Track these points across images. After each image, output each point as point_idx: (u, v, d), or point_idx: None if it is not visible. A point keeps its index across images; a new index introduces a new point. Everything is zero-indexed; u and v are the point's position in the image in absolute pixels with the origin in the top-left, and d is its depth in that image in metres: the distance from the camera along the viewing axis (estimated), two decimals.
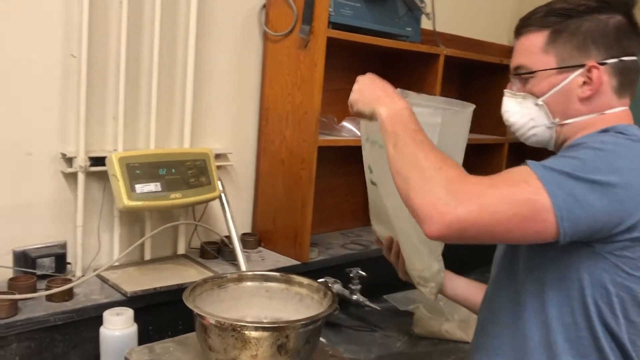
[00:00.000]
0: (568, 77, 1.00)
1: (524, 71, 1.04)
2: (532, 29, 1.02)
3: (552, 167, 0.86)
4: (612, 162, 0.87)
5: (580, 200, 0.84)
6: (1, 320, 1.18)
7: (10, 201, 1.36)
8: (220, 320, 1.05)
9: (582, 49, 0.99)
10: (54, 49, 1.37)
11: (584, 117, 1.01)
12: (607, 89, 1.00)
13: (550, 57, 1.01)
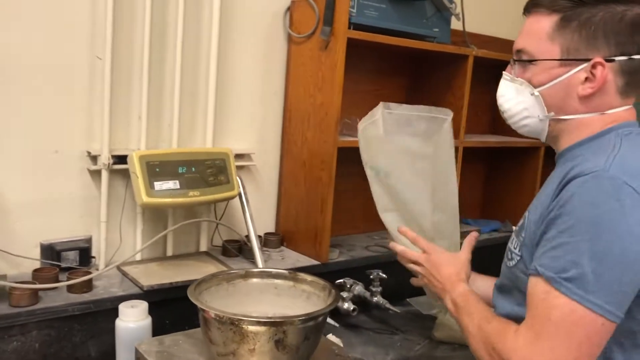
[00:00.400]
0: (570, 71, 0.94)
1: (525, 57, 0.99)
2: (542, 10, 0.96)
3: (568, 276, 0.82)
4: (612, 223, 0.81)
5: (618, 286, 0.82)
6: (22, 308, 1.24)
7: (39, 196, 1.43)
8: (219, 314, 1.07)
9: (589, 41, 0.93)
10: (81, 51, 1.44)
11: (581, 115, 0.96)
12: (611, 88, 0.94)
13: (554, 46, 0.95)
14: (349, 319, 1.68)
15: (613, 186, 0.83)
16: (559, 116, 0.98)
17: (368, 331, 1.68)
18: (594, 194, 0.83)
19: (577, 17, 0.93)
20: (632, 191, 0.82)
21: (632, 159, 0.88)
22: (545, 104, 0.98)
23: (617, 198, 0.82)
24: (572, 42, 0.94)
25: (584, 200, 0.83)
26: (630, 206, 0.81)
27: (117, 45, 1.46)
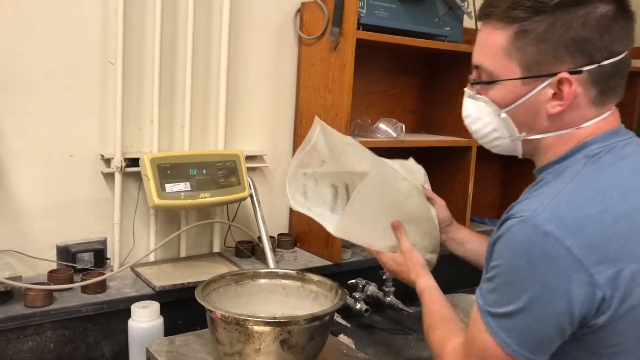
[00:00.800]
0: (535, 89, 0.85)
1: (485, 75, 0.91)
2: (494, 22, 0.87)
3: (492, 310, 0.82)
4: (531, 274, 0.78)
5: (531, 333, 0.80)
6: (37, 308, 1.27)
7: (55, 199, 1.47)
8: (225, 314, 1.08)
9: (551, 54, 0.83)
10: (94, 57, 1.46)
11: (554, 133, 0.88)
12: (583, 101, 0.85)
13: (513, 62, 0.86)
14: (362, 319, 1.68)
15: (535, 235, 0.77)
16: (530, 136, 0.90)
17: (381, 331, 1.67)
18: (515, 242, 0.79)
19: (534, 28, 0.83)
20: (554, 242, 0.76)
21: (577, 198, 0.80)
22: (514, 125, 0.91)
23: (536, 248, 0.77)
24: (532, 57, 0.84)
25: (507, 246, 0.80)
26: (549, 258, 0.76)
27: (128, 49, 1.48)
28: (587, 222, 0.77)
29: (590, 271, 0.76)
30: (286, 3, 1.74)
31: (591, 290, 0.76)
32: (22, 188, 1.42)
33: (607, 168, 0.83)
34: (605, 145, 0.85)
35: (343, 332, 1.54)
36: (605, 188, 0.80)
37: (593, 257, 0.76)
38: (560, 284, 0.76)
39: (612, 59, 0.83)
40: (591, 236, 0.76)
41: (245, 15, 1.67)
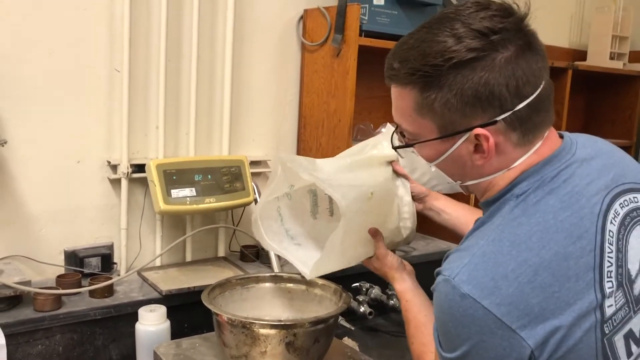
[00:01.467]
0: (454, 145, 0.84)
1: (406, 134, 0.90)
2: (398, 85, 0.86)
3: (438, 349, 0.84)
4: (456, 330, 0.79)
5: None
6: (46, 312, 1.29)
7: (62, 205, 1.49)
8: (231, 317, 1.10)
9: (460, 112, 0.81)
10: (100, 64, 1.49)
11: (487, 178, 0.87)
12: (507, 147, 0.83)
13: (427, 122, 0.84)
14: (366, 322, 1.70)
15: (454, 297, 0.78)
16: (465, 183, 0.91)
17: (385, 334, 1.69)
18: (441, 300, 0.81)
19: (436, 91, 0.80)
20: (472, 302, 0.76)
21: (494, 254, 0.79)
22: (447, 174, 0.91)
23: (457, 309, 0.78)
24: (442, 118, 0.82)
25: (436, 303, 0.83)
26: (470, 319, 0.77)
27: (134, 57, 1.51)
28: (503, 281, 0.76)
29: (512, 327, 0.76)
30: (289, 10, 1.77)
31: (517, 344, 0.76)
32: (30, 194, 1.44)
33: (532, 208, 0.80)
34: (535, 181, 0.83)
35: (347, 335, 1.56)
36: (523, 237, 0.78)
37: (513, 314, 0.76)
38: (485, 340, 0.77)
39: (526, 101, 0.80)
40: (508, 294, 0.76)
41: (249, 22, 1.70)
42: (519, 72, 0.79)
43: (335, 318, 1.17)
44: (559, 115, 2.20)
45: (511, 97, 0.79)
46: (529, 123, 0.82)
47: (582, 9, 2.62)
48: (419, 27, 0.85)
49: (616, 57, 2.48)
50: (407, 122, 0.87)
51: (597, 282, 0.77)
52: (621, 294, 0.79)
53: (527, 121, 0.81)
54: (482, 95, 0.79)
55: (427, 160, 0.90)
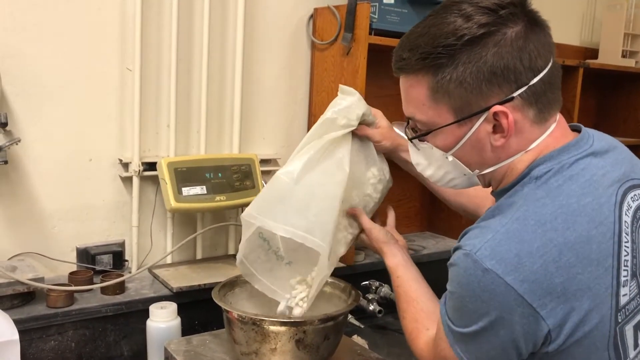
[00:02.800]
0: (472, 128, 0.83)
1: (420, 126, 0.89)
2: (410, 74, 0.85)
3: (451, 326, 0.85)
4: (474, 306, 0.79)
5: (480, 354, 0.82)
6: (59, 309, 1.31)
7: (75, 203, 1.50)
8: (242, 314, 1.11)
9: (477, 91, 0.80)
10: (112, 63, 1.50)
11: (505, 162, 0.86)
12: (524, 124, 0.82)
13: (442, 108, 0.84)
14: (375, 321, 1.70)
15: (476, 271, 0.77)
16: (482, 171, 0.89)
17: (394, 332, 1.69)
18: (460, 275, 0.80)
19: (451, 72, 0.80)
20: (494, 278, 0.76)
21: (519, 231, 0.78)
22: (464, 164, 0.89)
23: (478, 284, 0.77)
24: (459, 99, 0.82)
25: (455, 277, 0.82)
26: (491, 294, 0.76)
27: (145, 56, 1.52)
28: (528, 258, 0.76)
29: (532, 305, 0.75)
30: (299, 9, 1.77)
31: (535, 323, 0.76)
32: (43, 192, 1.46)
33: (555, 191, 0.80)
34: (553, 165, 0.82)
35: (357, 333, 1.57)
36: (549, 217, 0.78)
37: (536, 292, 0.75)
38: (504, 317, 0.77)
39: (540, 75, 0.81)
40: (532, 271, 0.75)
41: (259, 21, 1.70)
42: (530, 45, 0.80)
43: (344, 316, 1.18)
44: (570, 114, 2.19)
45: (525, 70, 0.80)
46: (544, 99, 0.82)
47: (593, 6, 2.60)
48: (424, 18, 0.85)
49: (628, 55, 2.47)
50: (421, 112, 0.86)
51: (615, 269, 0.78)
52: (635, 284, 0.80)
53: (542, 96, 0.82)
54: (497, 70, 0.79)
55: (443, 150, 0.88)
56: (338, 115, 1.17)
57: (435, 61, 0.81)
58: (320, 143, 1.16)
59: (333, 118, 1.17)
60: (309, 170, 1.15)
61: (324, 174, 1.15)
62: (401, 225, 2.12)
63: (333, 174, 1.16)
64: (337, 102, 1.19)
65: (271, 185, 1.18)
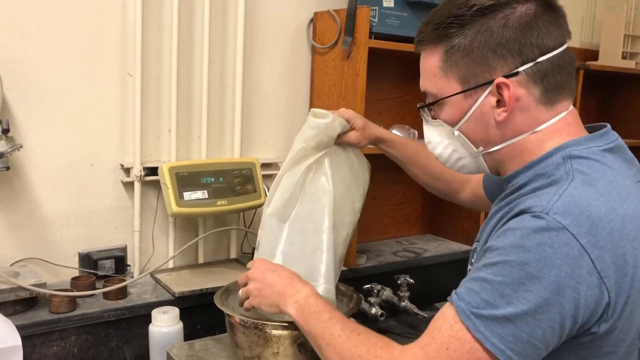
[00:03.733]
0: (477, 100, 0.84)
1: (430, 99, 0.90)
2: (426, 46, 0.88)
3: (481, 312, 0.74)
4: (542, 273, 0.72)
5: (530, 341, 0.73)
6: (62, 314, 1.31)
7: (77, 208, 1.51)
8: (244, 319, 1.11)
9: (482, 62, 0.82)
10: (113, 69, 1.51)
11: (511, 141, 0.85)
12: (530, 102, 0.82)
13: (451, 79, 0.85)
14: (377, 324, 1.70)
15: (549, 231, 0.72)
16: (488, 149, 0.88)
17: (396, 336, 1.69)
18: (527, 237, 0.73)
19: (461, 41, 0.83)
20: (569, 239, 0.72)
21: (583, 196, 0.75)
22: (470, 141, 0.88)
23: (551, 245, 0.72)
24: (466, 70, 0.84)
25: (516, 241, 0.74)
26: (564, 256, 0.72)
27: (146, 61, 1.52)
28: (599, 222, 0.73)
29: (601, 274, 0.73)
30: (299, 13, 1.78)
31: (600, 293, 0.73)
32: (45, 197, 1.46)
33: (600, 168, 0.79)
34: (585, 148, 0.82)
35: None
36: (604, 189, 0.77)
37: (605, 260, 0.73)
38: (572, 284, 0.71)
39: (548, 55, 0.81)
40: (603, 237, 0.73)
41: (260, 26, 1.71)
42: (539, 23, 0.81)
43: None
44: None
45: (532, 46, 0.81)
46: (551, 79, 0.82)
47: (593, 8, 2.61)
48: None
49: (628, 56, 2.47)
50: (432, 83, 0.88)
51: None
52: None
53: (549, 76, 0.82)
54: (503, 41, 0.81)
55: (451, 124, 0.89)
56: (307, 144, 1.18)
57: (446, 31, 0.84)
58: (297, 174, 1.17)
59: (302, 147, 1.18)
60: (293, 205, 1.17)
61: (311, 202, 1.17)
62: (403, 228, 2.13)
63: (319, 198, 1.17)
64: (311, 126, 1.18)
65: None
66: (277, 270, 1.06)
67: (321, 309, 0.96)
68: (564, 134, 0.84)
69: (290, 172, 1.18)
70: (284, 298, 1.01)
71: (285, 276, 1.04)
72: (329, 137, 1.19)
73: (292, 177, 1.17)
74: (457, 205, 2.05)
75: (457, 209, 2.06)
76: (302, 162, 1.18)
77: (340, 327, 0.91)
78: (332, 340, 0.90)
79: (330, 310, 0.95)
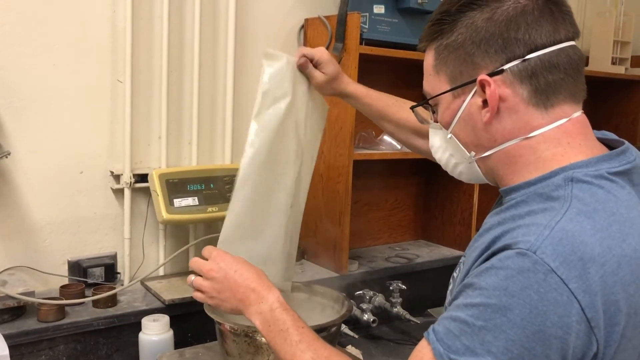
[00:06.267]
0: (465, 100, 0.80)
1: (430, 102, 0.87)
2: (423, 45, 0.85)
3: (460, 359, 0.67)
4: (525, 321, 0.65)
5: None
6: (50, 323, 1.30)
7: (66, 215, 1.49)
8: (234, 326, 1.10)
9: (469, 60, 0.78)
10: (103, 75, 1.50)
11: (502, 146, 0.79)
12: (517, 103, 0.77)
13: (442, 78, 0.82)
14: (369, 330, 1.69)
15: (536, 274, 0.65)
16: (480, 154, 0.83)
17: (389, 342, 1.69)
18: (511, 279, 0.66)
19: (448, 37, 0.79)
20: (558, 282, 0.64)
21: (577, 233, 0.67)
22: (462, 144, 0.84)
23: (537, 290, 0.65)
24: (454, 68, 0.80)
25: (499, 283, 0.67)
26: (551, 303, 0.64)
27: (136, 68, 1.52)
28: (591, 264, 0.66)
29: (591, 323, 0.65)
30: (290, 19, 1.78)
31: (588, 343, 0.66)
32: (34, 205, 1.45)
33: (604, 197, 0.72)
34: (592, 171, 0.74)
35: (351, 343, 1.56)
36: (603, 223, 0.69)
37: (596, 307, 0.66)
38: (559, 335, 0.65)
39: (538, 52, 0.75)
40: (594, 281, 0.66)
41: (251, 32, 1.71)
42: (529, 19, 0.76)
43: (337, 326, 1.17)
44: None
45: (518, 43, 0.76)
46: (540, 79, 0.76)
47: (583, 14, 2.62)
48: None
49: (618, 62, 2.48)
50: (427, 82, 0.86)
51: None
52: None
53: (537, 75, 0.76)
54: (488, 35, 0.76)
55: (444, 127, 0.85)
56: (270, 86, 1.17)
57: (438, 27, 0.81)
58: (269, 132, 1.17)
59: (266, 90, 1.17)
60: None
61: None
62: (395, 233, 2.13)
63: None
64: (265, 71, 1.18)
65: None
66: (238, 270, 0.96)
67: (289, 327, 0.88)
68: (563, 145, 0.77)
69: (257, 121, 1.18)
70: (247, 306, 0.94)
71: (248, 279, 0.95)
72: (288, 81, 1.17)
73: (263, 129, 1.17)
74: (450, 211, 2.06)
75: (449, 214, 2.06)
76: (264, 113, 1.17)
77: (310, 356, 0.84)
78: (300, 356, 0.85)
79: (299, 328, 0.88)
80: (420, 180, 2.14)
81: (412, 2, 1.68)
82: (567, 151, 0.77)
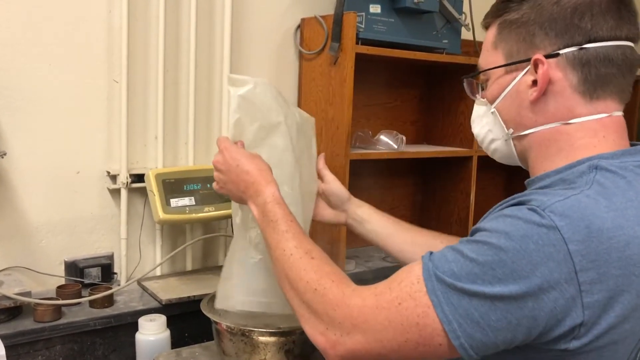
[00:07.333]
0: (516, 77, 0.83)
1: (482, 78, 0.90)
2: (488, 22, 0.88)
3: (444, 278, 0.71)
4: (515, 265, 0.68)
5: (479, 323, 0.69)
6: (46, 323, 1.30)
7: (62, 216, 1.49)
8: (231, 326, 1.10)
9: (528, 39, 0.81)
10: (99, 75, 1.50)
11: (541, 127, 0.82)
12: (564, 88, 0.79)
13: (499, 54, 0.85)
14: None
15: (539, 226, 0.69)
16: (518, 132, 0.86)
17: None
18: (514, 225, 0.70)
19: (513, 15, 0.83)
20: (559, 240, 0.68)
21: (591, 206, 0.71)
22: (502, 120, 0.87)
23: (535, 241, 0.68)
24: (513, 45, 0.83)
25: (503, 227, 0.71)
26: (545, 256, 0.68)
27: (132, 68, 1.52)
28: (597, 235, 0.69)
29: (581, 288, 0.68)
30: (286, 19, 1.78)
31: (573, 306, 0.68)
32: (30, 205, 1.45)
33: (624, 184, 0.74)
34: (617, 162, 0.77)
35: None
36: (619, 205, 0.72)
37: (589, 275, 0.68)
38: (545, 287, 0.68)
39: (596, 44, 0.78)
40: (597, 251, 0.68)
41: (247, 31, 1.71)
42: (596, 9, 0.78)
43: None
44: None
45: (580, 31, 0.78)
46: (594, 70, 0.78)
47: None
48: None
49: None
50: (484, 58, 0.89)
51: None
52: None
53: (590, 66, 0.78)
54: (551, 21, 0.79)
55: (490, 101, 0.88)
56: (240, 114, 1.08)
57: (506, 5, 0.84)
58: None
59: (237, 118, 1.09)
60: None
61: None
62: None
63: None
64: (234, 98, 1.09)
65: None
66: (240, 164, 1.02)
67: (279, 218, 0.93)
68: (598, 137, 0.79)
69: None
70: (246, 198, 1.01)
71: (248, 173, 1.00)
72: (258, 108, 1.08)
73: None
74: (447, 211, 2.06)
75: (446, 214, 2.06)
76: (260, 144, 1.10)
77: (294, 244, 0.89)
78: (282, 258, 0.89)
79: (288, 222, 0.92)
80: (417, 180, 2.15)
81: (409, 1, 1.68)
82: (600, 143, 0.79)
